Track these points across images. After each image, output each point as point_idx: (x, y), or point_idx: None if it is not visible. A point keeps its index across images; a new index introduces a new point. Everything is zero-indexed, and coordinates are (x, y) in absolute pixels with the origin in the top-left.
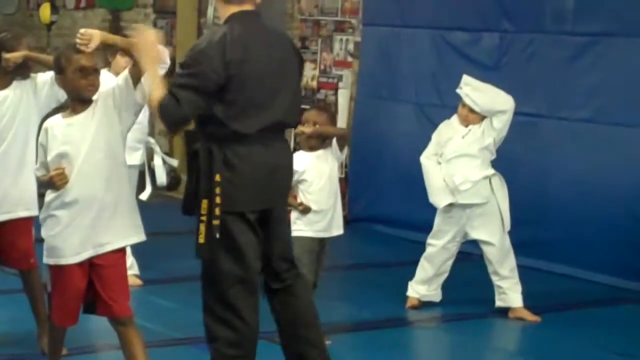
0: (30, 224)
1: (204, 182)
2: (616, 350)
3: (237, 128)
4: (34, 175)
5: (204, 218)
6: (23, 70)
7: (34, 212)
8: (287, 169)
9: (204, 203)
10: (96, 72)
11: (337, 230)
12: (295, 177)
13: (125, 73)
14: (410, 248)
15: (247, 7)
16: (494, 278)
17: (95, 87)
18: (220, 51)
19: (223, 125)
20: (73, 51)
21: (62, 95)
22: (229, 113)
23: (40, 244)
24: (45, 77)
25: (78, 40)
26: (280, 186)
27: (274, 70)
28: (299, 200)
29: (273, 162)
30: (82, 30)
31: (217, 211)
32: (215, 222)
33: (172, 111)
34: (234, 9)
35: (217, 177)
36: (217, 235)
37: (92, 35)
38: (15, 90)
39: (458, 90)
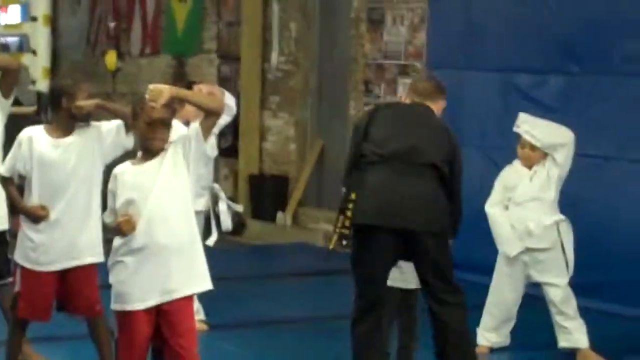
0: (95, 270)
1: None
2: None
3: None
4: (103, 221)
5: None
6: (86, 117)
7: (99, 258)
8: None
9: None
10: (166, 125)
11: None
12: None
13: (197, 126)
14: (471, 290)
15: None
16: (558, 319)
17: (163, 140)
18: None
19: None
20: (144, 103)
21: (128, 143)
22: None
23: (106, 290)
24: (111, 126)
25: (147, 96)
26: None
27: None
28: None
29: None
30: (151, 87)
31: None
32: None
33: None
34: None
35: None
36: None
37: (162, 91)
38: (79, 137)
39: (515, 129)
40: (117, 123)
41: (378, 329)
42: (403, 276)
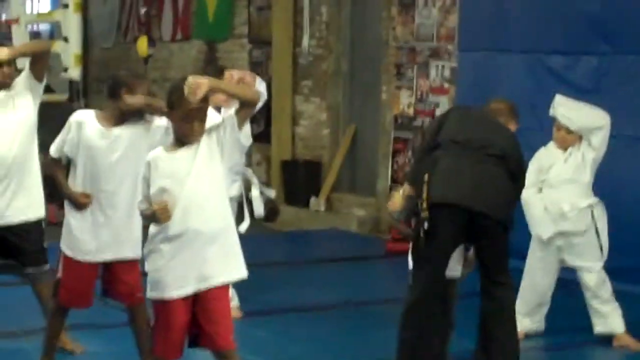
0: (136, 262)
1: None
2: None
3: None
4: (139, 208)
5: None
6: (137, 114)
7: (137, 253)
8: None
9: None
10: (202, 118)
11: None
12: None
13: (232, 114)
14: None
15: None
16: (593, 302)
17: (200, 133)
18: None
19: None
20: (181, 95)
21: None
22: None
23: (144, 278)
24: (161, 123)
25: (186, 90)
26: None
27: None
28: None
29: None
30: (190, 79)
31: None
32: None
33: None
34: None
35: None
36: None
37: (199, 85)
38: (128, 130)
39: (551, 112)
40: (166, 122)
41: (436, 317)
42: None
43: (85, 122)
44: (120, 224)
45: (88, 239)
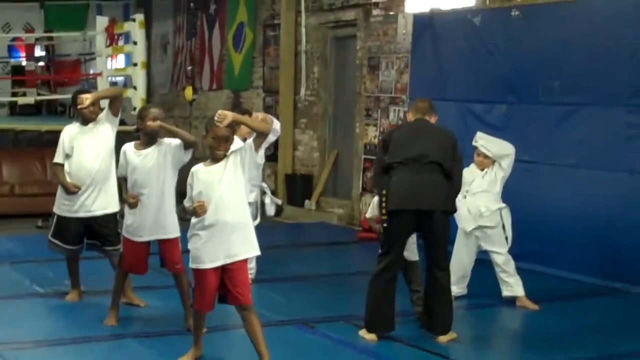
0: (176, 241)
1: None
2: (594, 329)
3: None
4: (183, 205)
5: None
6: (153, 134)
7: (175, 234)
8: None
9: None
10: (228, 140)
11: None
12: None
13: (250, 141)
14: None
15: (421, 117)
16: (502, 275)
17: (225, 150)
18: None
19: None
20: (213, 124)
21: (186, 158)
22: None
23: (186, 254)
24: (175, 143)
25: (216, 118)
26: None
27: (416, 132)
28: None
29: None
30: (219, 112)
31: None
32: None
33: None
34: (412, 118)
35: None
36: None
37: (226, 116)
38: (154, 149)
39: (474, 143)
40: (177, 142)
41: (392, 282)
42: (408, 251)
43: (127, 150)
44: (154, 212)
45: (136, 225)
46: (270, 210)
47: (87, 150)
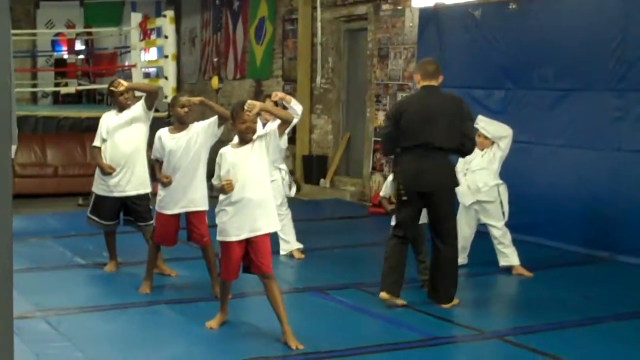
0: (204, 215)
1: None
2: (582, 294)
3: (403, 144)
4: (212, 183)
5: None
6: (185, 119)
7: (204, 207)
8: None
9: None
10: (254, 124)
11: None
12: None
13: (275, 128)
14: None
15: (428, 83)
16: (499, 247)
17: (253, 134)
18: (397, 107)
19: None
20: (241, 110)
21: (218, 133)
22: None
23: (213, 229)
24: (208, 122)
25: (245, 107)
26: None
27: (425, 114)
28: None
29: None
30: (249, 102)
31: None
32: None
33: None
34: (422, 83)
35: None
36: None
37: (255, 105)
38: (186, 133)
39: (475, 125)
40: (212, 119)
41: (404, 244)
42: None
43: (162, 134)
44: (186, 188)
45: (168, 199)
46: (288, 191)
47: (121, 135)
